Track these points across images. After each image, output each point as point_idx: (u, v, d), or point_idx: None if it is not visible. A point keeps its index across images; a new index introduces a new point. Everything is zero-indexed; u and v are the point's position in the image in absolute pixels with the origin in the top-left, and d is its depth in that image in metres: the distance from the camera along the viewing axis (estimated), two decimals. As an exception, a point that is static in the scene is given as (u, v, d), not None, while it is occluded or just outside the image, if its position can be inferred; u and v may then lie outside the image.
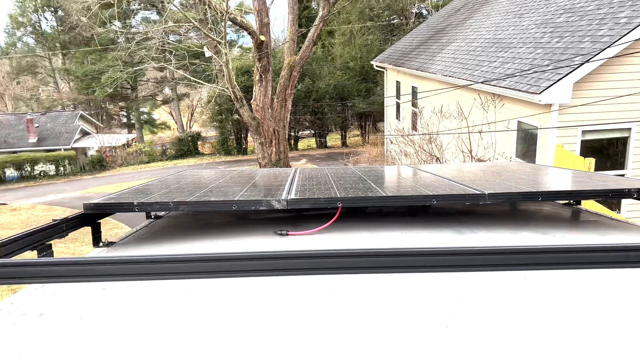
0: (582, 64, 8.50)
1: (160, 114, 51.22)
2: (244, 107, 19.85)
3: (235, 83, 19.67)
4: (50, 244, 1.77)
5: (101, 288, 1.46)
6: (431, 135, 11.80)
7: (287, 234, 2.02)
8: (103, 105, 45.40)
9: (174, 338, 1.13)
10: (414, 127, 16.57)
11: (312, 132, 33.91)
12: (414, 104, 17.24)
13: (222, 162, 30.07)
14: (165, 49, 26.44)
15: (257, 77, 19.55)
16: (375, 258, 1.28)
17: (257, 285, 1.43)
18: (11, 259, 1.52)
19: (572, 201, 2.69)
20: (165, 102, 46.32)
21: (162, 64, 27.12)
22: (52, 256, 1.76)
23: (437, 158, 11.45)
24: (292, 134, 31.84)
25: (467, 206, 2.62)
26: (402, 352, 1.02)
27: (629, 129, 9.13)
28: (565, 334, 1.08)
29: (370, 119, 32.67)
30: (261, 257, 1.33)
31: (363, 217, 2.38)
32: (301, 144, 34.24)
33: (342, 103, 31.17)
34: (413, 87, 17.75)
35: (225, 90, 20.23)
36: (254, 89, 20.10)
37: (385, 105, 23.22)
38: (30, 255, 1.61)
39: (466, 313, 1.20)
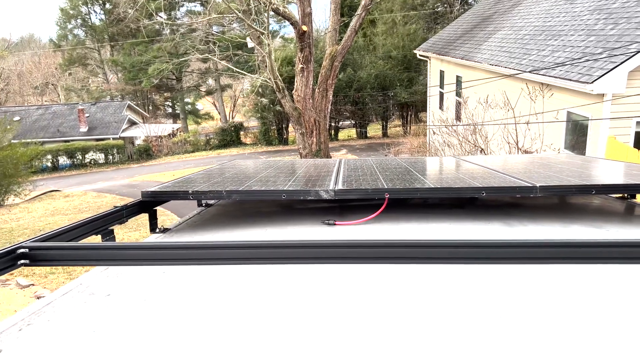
0: (638, 52, 8.11)
1: (204, 105, 52.22)
2: (285, 98, 19.99)
3: (277, 74, 19.81)
4: (112, 229, 1.87)
5: (161, 272, 1.54)
6: (476, 126, 11.56)
7: (335, 224, 2.06)
8: (149, 96, 46.70)
9: (234, 320, 1.18)
10: (458, 118, 16.26)
11: (353, 122, 33.79)
12: (458, 94, 16.91)
13: (263, 152, 30.44)
14: (209, 40, 26.87)
15: (299, 68, 19.62)
16: (429, 249, 1.29)
17: (309, 272, 1.47)
18: (79, 242, 1.62)
19: (626, 195, 2.60)
20: (209, 92, 47.18)
21: (206, 55, 27.59)
22: (115, 240, 1.87)
23: (482, 149, 11.21)
24: (333, 124, 31.85)
25: (515, 199, 2.58)
26: (456, 338, 1.04)
27: (689, 120, 8.67)
28: (621, 327, 1.07)
29: (412, 109, 32.25)
30: (314, 246, 1.37)
31: (409, 209, 2.38)
32: (341, 135, 34.20)
33: (384, 93, 30.87)
34: (457, 77, 17.40)
35: (268, 80, 20.41)
36: (295, 79, 20.18)
37: (427, 95, 22.87)
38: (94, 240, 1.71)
39: (521, 304, 1.21)
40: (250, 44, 22.43)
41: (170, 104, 48.77)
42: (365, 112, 32.04)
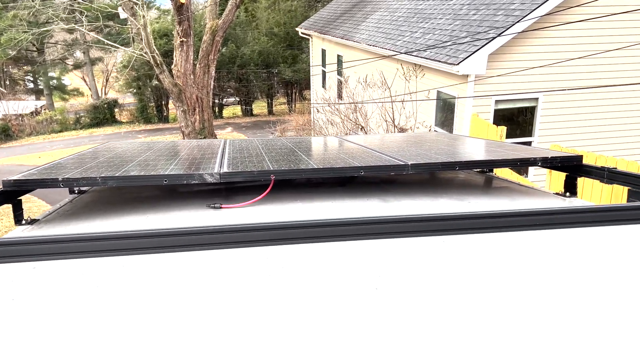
0: (494, 38, 8.96)
1: (72, 79, 47.74)
2: (164, 73, 19.04)
3: (154, 47, 18.77)
4: None
5: (31, 267, 1.42)
6: (356, 105, 12.02)
7: (221, 207, 2.04)
8: (5, 69, 41.53)
9: (110, 316, 1.14)
10: (340, 96, 16.74)
11: (238, 99, 33.24)
12: (340, 73, 17.37)
13: (142, 130, 28.80)
14: (75, 9, 24.56)
15: (178, 42, 18.74)
16: (310, 229, 1.35)
17: (193, 259, 1.46)
18: None
19: (485, 169, 2.91)
20: (77, 66, 43.16)
21: (72, 25, 25.22)
22: None
23: (362, 127, 11.71)
24: (217, 101, 31.06)
25: (390, 176, 2.76)
26: (336, 313, 1.11)
27: (537, 99, 9.83)
28: (476, 290, 1.22)
29: (297, 87, 32.51)
30: (199, 232, 1.36)
31: (294, 188, 2.44)
32: (226, 112, 33.50)
33: (268, 70, 30.70)
34: (338, 56, 17.84)
35: (144, 55, 19.25)
36: (174, 53, 19.27)
37: (311, 73, 23.19)
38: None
39: (393, 276, 1.31)
40: (123, 15, 20.95)
41: (32, 79, 43.91)
42: (250, 90, 31.67)
